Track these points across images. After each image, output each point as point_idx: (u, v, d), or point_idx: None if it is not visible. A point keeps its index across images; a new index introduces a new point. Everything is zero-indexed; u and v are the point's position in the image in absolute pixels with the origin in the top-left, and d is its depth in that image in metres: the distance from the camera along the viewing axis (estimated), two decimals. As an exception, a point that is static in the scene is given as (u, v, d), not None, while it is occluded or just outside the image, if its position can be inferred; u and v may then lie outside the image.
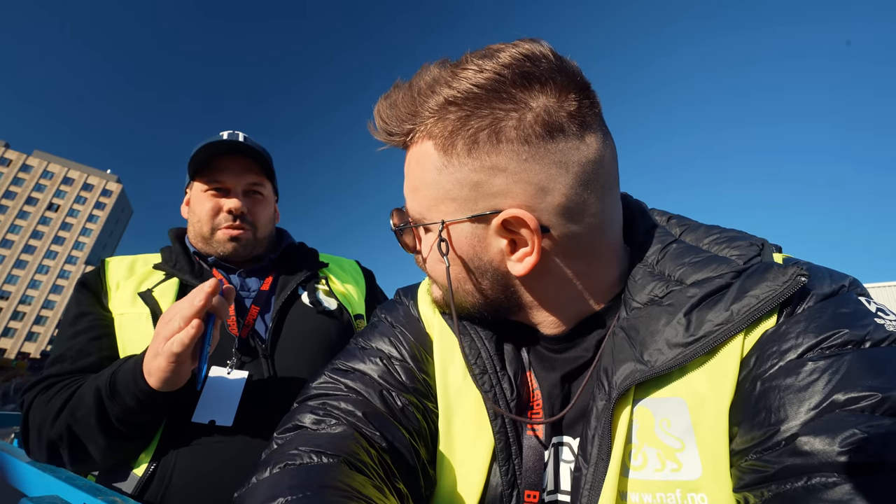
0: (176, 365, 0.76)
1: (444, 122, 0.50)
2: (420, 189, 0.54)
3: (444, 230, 0.53)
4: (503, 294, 0.55)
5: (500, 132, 0.48)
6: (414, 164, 0.54)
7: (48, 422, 0.84)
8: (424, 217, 0.55)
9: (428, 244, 0.57)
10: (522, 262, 0.51)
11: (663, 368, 0.46)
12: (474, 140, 0.49)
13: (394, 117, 0.53)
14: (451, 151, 0.50)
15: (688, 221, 0.61)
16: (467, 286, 0.56)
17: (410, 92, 0.52)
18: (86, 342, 0.96)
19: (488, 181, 0.49)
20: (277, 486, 0.44)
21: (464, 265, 0.54)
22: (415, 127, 0.52)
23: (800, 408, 0.40)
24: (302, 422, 0.56)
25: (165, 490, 0.86)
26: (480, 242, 0.52)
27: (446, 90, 0.49)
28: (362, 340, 0.67)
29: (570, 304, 0.56)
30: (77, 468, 0.86)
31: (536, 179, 0.49)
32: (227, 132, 1.13)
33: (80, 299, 1.03)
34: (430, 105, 0.50)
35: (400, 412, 0.57)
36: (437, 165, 0.51)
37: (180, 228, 1.22)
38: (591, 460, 0.48)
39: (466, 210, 0.51)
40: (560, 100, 0.48)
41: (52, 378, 0.92)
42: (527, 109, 0.48)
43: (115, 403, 0.81)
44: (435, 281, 0.60)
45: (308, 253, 1.27)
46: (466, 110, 0.49)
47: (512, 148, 0.48)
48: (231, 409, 0.93)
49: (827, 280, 0.48)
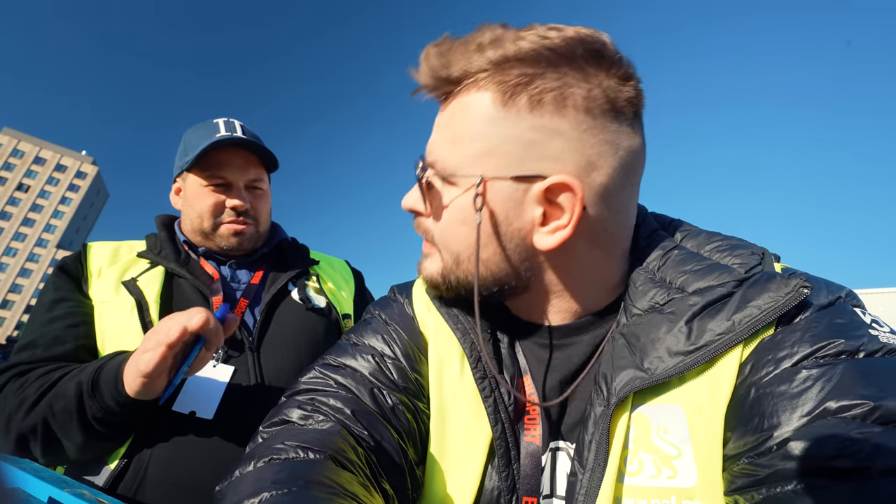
0: (146, 380, 0.74)
1: (507, 75, 0.48)
2: (461, 141, 0.51)
3: (483, 185, 0.50)
4: (519, 268, 0.53)
5: (567, 98, 0.47)
6: (459, 114, 0.51)
7: (21, 411, 0.80)
8: (460, 170, 0.51)
9: (452, 201, 0.53)
10: (554, 234, 0.50)
11: (663, 376, 0.46)
12: (539, 99, 0.47)
13: (445, 63, 0.50)
14: (511, 106, 0.48)
15: (688, 227, 0.61)
16: (484, 254, 0.52)
17: (467, 44, 0.50)
18: (62, 329, 0.92)
19: (545, 142, 0.48)
20: (261, 481, 0.43)
21: (490, 229, 0.51)
22: (469, 75, 0.50)
23: (792, 414, 0.41)
24: (289, 416, 0.55)
25: (140, 482, 0.84)
26: (516, 207, 0.50)
27: (513, 46, 0.48)
28: (354, 337, 0.66)
29: (576, 296, 0.55)
30: (47, 461, 0.83)
31: (589, 153, 0.48)
32: (223, 120, 1.10)
33: (59, 284, 0.99)
34: (491, 57, 0.48)
35: (390, 411, 0.56)
36: (491, 117, 0.49)
37: (168, 216, 1.18)
38: (588, 465, 0.47)
39: (511, 169, 0.49)
40: (621, 84, 0.49)
41: (24, 365, 0.87)
42: (596, 84, 0.48)
43: (94, 402, 0.78)
44: (442, 248, 0.55)
45: (300, 249, 1.25)
46: (535, 69, 0.47)
47: (576, 116, 0.47)
48: (213, 401, 0.91)
49: (824, 291, 0.49)
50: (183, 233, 1.13)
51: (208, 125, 1.09)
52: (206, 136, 1.05)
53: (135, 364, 0.75)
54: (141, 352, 0.75)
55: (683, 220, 0.63)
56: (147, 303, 0.96)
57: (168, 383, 0.78)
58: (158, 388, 0.77)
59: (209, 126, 1.09)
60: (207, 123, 1.10)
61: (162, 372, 0.75)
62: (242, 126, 1.11)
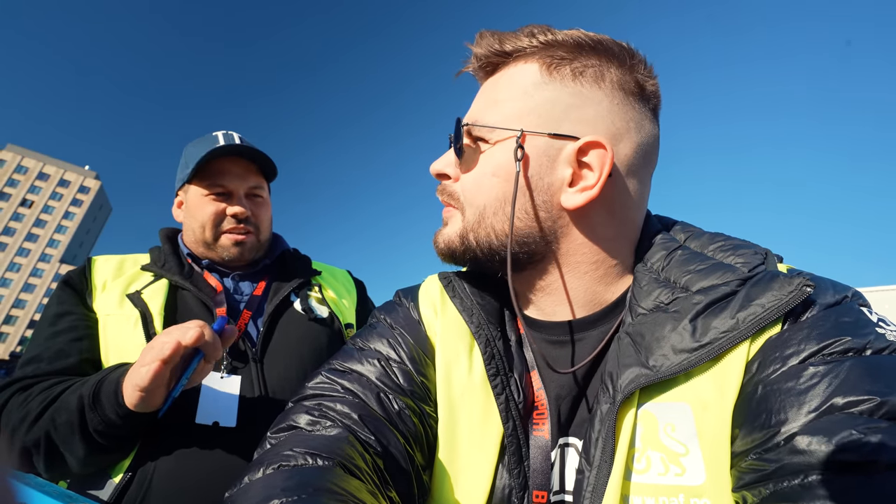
0: (143, 394, 0.75)
1: (553, 51, 0.55)
2: (505, 101, 0.56)
3: (522, 137, 0.54)
4: (543, 226, 0.55)
5: (605, 74, 0.54)
6: (506, 81, 0.57)
7: (25, 425, 0.81)
8: (500, 124, 0.56)
9: (488, 156, 0.57)
10: (582, 193, 0.53)
11: (668, 373, 0.46)
12: (581, 71, 0.54)
13: (499, 40, 0.58)
14: (556, 73, 0.55)
15: (692, 228, 0.62)
16: (508, 207, 0.55)
17: (518, 31, 0.58)
18: (66, 343, 0.92)
19: (582, 107, 0.54)
20: (271, 488, 0.43)
21: (525, 182, 0.55)
22: (520, 50, 0.57)
23: (800, 410, 0.41)
24: (297, 422, 0.55)
25: (145, 495, 0.84)
26: (549, 163, 0.54)
27: (560, 34, 0.55)
28: (360, 341, 0.66)
29: (587, 273, 0.56)
30: (51, 475, 0.83)
31: (619, 124, 0.54)
32: (222, 132, 1.11)
33: (63, 298, 0.99)
34: (541, 39, 0.56)
35: (396, 416, 0.57)
36: (536, 81, 0.55)
37: (172, 229, 1.20)
38: (594, 463, 0.48)
39: (550, 126, 0.54)
40: (646, 77, 0.56)
41: (29, 379, 0.88)
42: (628, 69, 0.55)
43: (95, 415, 0.79)
44: (467, 204, 0.58)
45: (302, 260, 1.26)
46: (578, 50, 0.55)
47: (612, 89, 0.54)
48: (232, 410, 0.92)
49: (830, 290, 0.49)
50: (186, 245, 1.14)
51: (207, 138, 1.11)
52: (206, 147, 1.07)
53: (132, 378, 0.75)
54: (138, 366, 0.75)
55: (687, 222, 0.63)
56: (151, 315, 0.96)
57: (167, 396, 0.78)
58: (157, 402, 0.77)
59: (208, 139, 1.10)
60: (206, 137, 1.12)
61: (159, 386, 0.75)
62: (241, 137, 1.12)
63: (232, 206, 1.08)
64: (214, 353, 0.78)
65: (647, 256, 0.57)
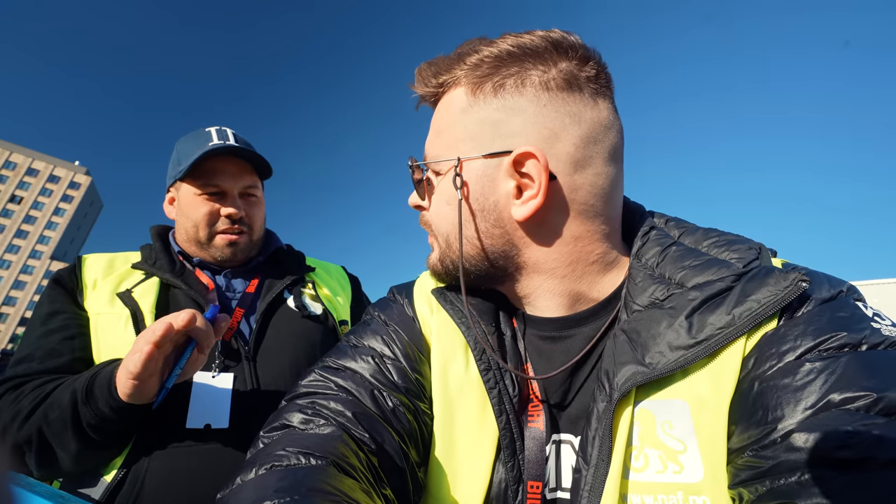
0: (136, 382, 0.74)
1: (477, 71, 0.56)
2: (443, 131, 0.59)
3: (459, 166, 0.56)
4: (502, 243, 0.57)
5: (525, 80, 0.54)
6: (442, 111, 0.59)
7: (16, 423, 0.80)
8: (442, 155, 0.58)
9: (439, 187, 0.60)
10: (527, 204, 0.53)
11: (665, 370, 0.46)
12: (501, 84, 0.54)
13: (432, 72, 0.60)
14: (479, 93, 0.55)
15: (686, 224, 0.61)
16: (469, 230, 0.57)
17: (450, 56, 0.59)
18: (57, 342, 0.91)
19: (508, 120, 0.54)
20: (263, 489, 0.42)
21: (470, 206, 0.57)
22: (450, 78, 0.58)
23: (796, 407, 0.41)
24: (290, 421, 0.54)
25: (138, 494, 0.83)
26: (490, 182, 0.55)
27: (486, 50, 0.56)
28: (354, 338, 0.66)
29: (566, 277, 0.56)
30: (42, 474, 0.82)
31: (551, 125, 0.53)
32: (215, 129, 1.09)
33: (54, 296, 0.98)
34: (467, 61, 0.57)
35: (391, 413, 0.56)
36: (463, 106, 0.56)
37: (163, 226, 1.18)
38: (592, 461, 0.47)
39: (483, 148, 0.55)
40: (580, 66, 0.55)
41: (20, 378, 0.87)
42: (552, 66, 0.54)
43: (88, 409, 0.78)
44: (437, 233, 0.61)
45: (295, 256, 1.25)
46: (500, 63, 0.55)
47: (534, 93, 0.53)
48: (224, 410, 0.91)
49: (825, 285, 0.49)
50: (177, 243, 1.12)
51: (200, 134, 1.09)
52: (199, 144, 1.05)
53: (125, 366, 0.74)
54: (130, 354, 0.74)
55: (680, 218, 0.63)
56: (142, 314, 0.95)
57: (160, 386, 0.78)
58: (150, 391, 0.77)
59: (201, 135, 1.08)
60: (199, 132, 1.09)
61: (152, 373, 0.74)
62: (235, 134, 1.10)
63: (226, 207, 1.07)
64: (207, 340, 0.78)
65: (642, 252, 0.57)
